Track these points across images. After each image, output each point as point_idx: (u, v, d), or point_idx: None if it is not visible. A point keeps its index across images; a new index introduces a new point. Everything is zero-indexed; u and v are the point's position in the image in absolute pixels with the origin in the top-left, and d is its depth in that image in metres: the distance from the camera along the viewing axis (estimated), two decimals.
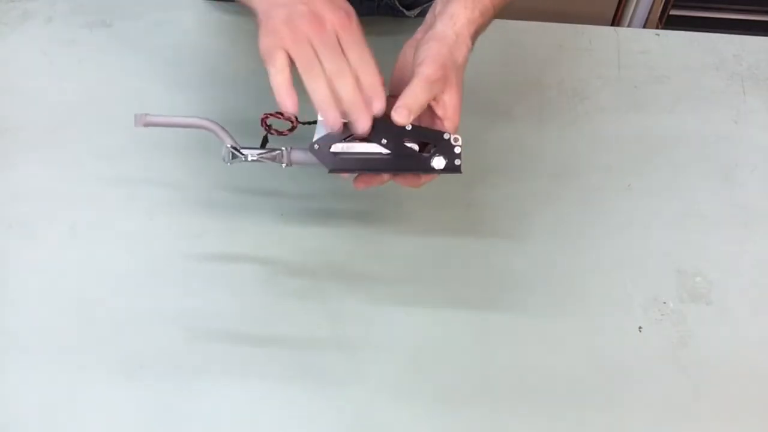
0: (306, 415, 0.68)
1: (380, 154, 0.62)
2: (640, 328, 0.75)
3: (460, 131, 0.63)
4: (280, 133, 0.64)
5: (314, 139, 0.62)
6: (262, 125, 0.64)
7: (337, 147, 0.62)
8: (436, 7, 0.67)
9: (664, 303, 0.77)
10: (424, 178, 0.65)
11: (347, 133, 0.62)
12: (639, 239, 0.81)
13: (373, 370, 0.70)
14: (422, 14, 0.92)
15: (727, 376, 0.72)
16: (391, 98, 0.66)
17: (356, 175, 0.65)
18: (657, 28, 1.51)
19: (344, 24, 0.59)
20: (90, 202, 0.79)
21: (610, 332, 0.74)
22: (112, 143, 0.83)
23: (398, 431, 0.68)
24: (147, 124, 0.66)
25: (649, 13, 1.57)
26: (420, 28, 0.67)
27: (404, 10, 0.95)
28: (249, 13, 0.96)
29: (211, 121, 0.65)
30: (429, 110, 0.63)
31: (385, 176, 0.64)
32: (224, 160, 0.64)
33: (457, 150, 0.62)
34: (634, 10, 1.56)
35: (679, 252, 0.80)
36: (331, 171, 0.62)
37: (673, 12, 1.57)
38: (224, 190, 0.81)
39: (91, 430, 0.67)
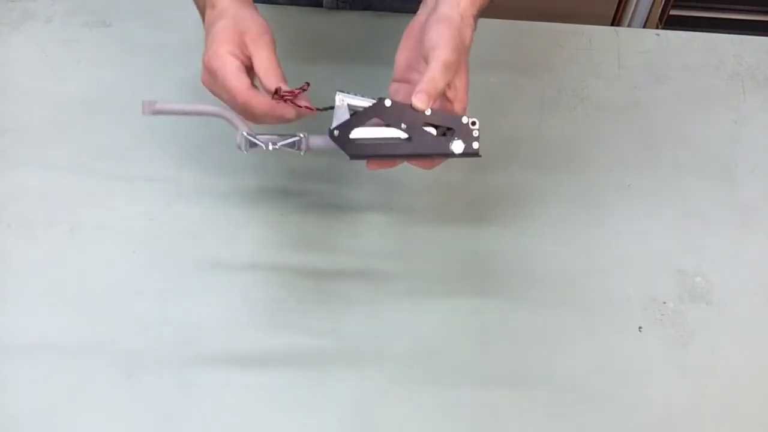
0: (307, 415, 0.68)
1: (399, 138, 0.62)
2: (640, 328, 0.75)
3: None
4: (292, 93, 0.62)
5: (333, 126, 0.61)
6: (273, 97, 0.63)
7: (356, 133, 0.62)
8: None
9: (664, 303, 0.77)
10: (438, 160, 0.65)
11: (366, 118, 0.61)
12: (639, 239, 0.81)
13: (374, 364, 0.71)
14: None
15: (727, 376, 0.72)
16: (395, 83, 0.67)
17: None
18: (657, 28, 1.51)
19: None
20: (90, 202, 0.79)
21: (610, 332, 0.74)
22: (112, 143, 0.83)
23: (396, 426, 0.68)
24: (156, 112, 0.63)
25: (649, 13, 1.57)
26: (421, 10, 0.67)
27: None
28: None
29: (224, 108, 0.64)
30: None
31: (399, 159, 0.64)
32: (240, 148, 0.63)
33: (476, 134, 0.62)
34: (634, 10, 1.56)
35: (679, 252, 0.80)
36: (352, 158, 0.62)
37: (673, 12, 1.57)
38: (224, 189, 0.81)
39: (90, 430, 0.67)
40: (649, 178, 0.85)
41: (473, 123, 0.62)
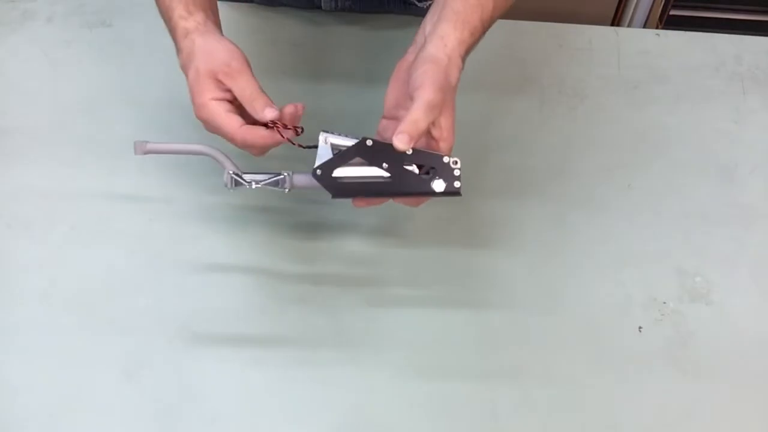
0: (306, 414, 0.68)
1: (381, 177, 0.62)
2: (640, 328, 0.75)
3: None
4: (287, 128, 0.63)
5: (316, 165, 0.62)
6: (268, 127, 0.64)
7: (339, 172, 0.62)
8: (426, 27, 0.67)
9: (664, 303, 0.77)
10: (424, 198, 0.65)
11: (349, 157, 0.62)
12: (639, 239, 0.81)
13: (372, 369, 0.71)
14: None
15: (727, 376, 0.72)
16: (384, 120, 0.67)
17: None
18: (657, 28, 1.50)
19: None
20: (90, 202, 0.79)
21: (610, 332, 0.74)
22: (112, 143, 0.83)
23: (395, 426, 0.68)
24: (147, 152, 0.66)
25: (649, 13, 1.56)
26: (410, 48, 0.68)
27: (416, 2, 0.94)
28: (250, 13, 0.96)
29: (211, 147, 0.66)
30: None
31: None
32: (226, 186, 0.65)
33: (457, 173, 0.63)
34: (634, 10, 1.56)
35: (679, 252, 0.80)
36: (335, 196, 0.63)
37: (673, 12, 1.57)
38: (224, 190, 0.80)
39: (90, 430, 0.67)
40: (649, 178, 0.85)
41: (455, 162, 0.63)
